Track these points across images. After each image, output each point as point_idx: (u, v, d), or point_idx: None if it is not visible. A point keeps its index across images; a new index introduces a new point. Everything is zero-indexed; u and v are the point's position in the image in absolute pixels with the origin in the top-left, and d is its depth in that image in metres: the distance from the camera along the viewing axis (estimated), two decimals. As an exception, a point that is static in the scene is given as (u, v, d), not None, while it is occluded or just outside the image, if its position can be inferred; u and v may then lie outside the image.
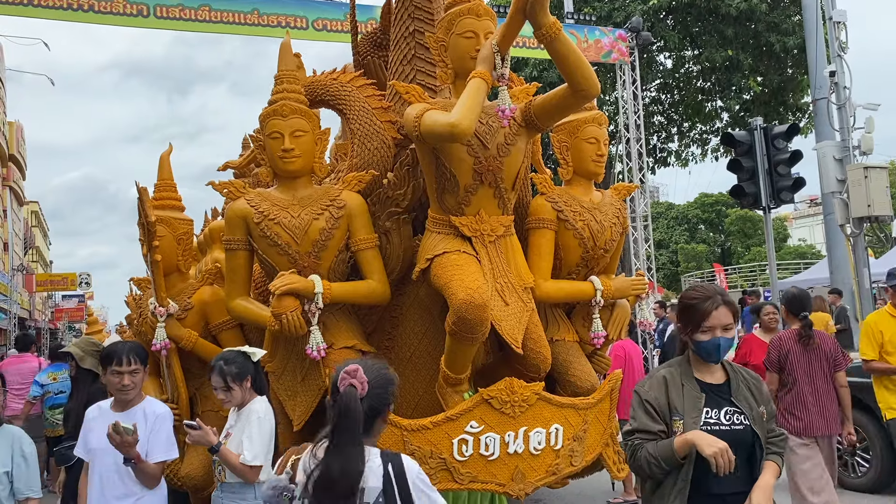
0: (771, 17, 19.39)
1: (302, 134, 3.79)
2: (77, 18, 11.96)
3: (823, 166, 9.88)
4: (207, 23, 12.62)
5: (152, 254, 4.14)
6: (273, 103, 3.84)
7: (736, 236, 41.62)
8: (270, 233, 3.70)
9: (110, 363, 3.16)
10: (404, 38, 4.19)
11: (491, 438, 3.41)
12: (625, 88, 17.04)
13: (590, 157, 4.20)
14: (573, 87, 3.45)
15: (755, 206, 10.63)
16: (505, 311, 3.58)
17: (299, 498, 2.15)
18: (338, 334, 3.76)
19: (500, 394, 3.47)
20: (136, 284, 4.99)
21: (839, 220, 9.73)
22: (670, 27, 20.30)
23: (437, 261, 3.59)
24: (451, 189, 3.69)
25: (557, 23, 3.33)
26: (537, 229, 4.07)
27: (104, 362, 3.22)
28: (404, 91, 3.76)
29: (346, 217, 3.77)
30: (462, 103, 3.32)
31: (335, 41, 13.53)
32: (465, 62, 3.67)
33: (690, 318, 2.54)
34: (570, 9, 17.10)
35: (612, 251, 4.27)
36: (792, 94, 21.14)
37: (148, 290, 4.60)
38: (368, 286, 3.80)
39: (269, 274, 3.85)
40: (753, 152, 10.35)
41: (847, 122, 9.92)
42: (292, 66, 4.04)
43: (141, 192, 4.13)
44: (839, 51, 10.02)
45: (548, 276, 4.02)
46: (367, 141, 4.01)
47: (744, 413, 2.50)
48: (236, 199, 3.85)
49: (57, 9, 11.68)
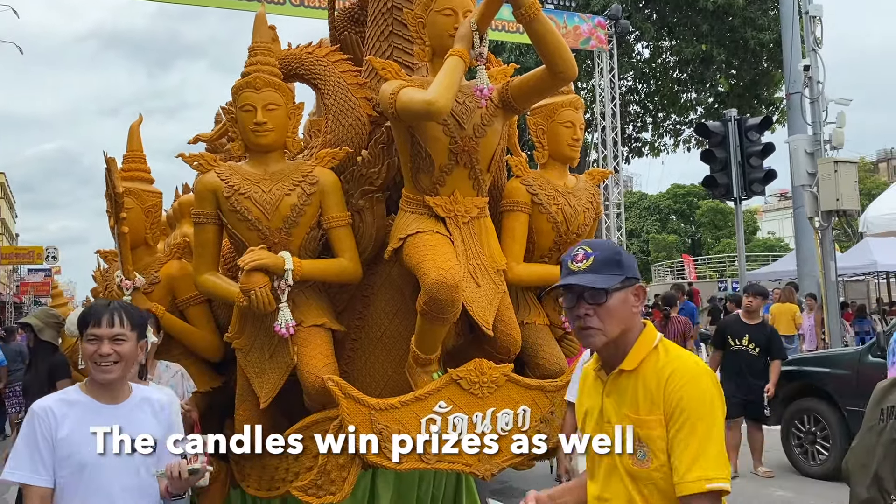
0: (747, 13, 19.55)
1: (275, 107, 3.72)
2: (46, -16, 11.65)
3: (795, 159, 10.02)
4: (182, -6, 12.39)
5: (119, 226, 4.04)
6: (246, 75, 3.77)
7: (706, 227, 42.13)
8: (241, 207, 3.64)
9: (86, 326, 2.29)
10: (382, 13, 4.13)
11: (459, 418, 3.41)
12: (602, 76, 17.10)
13: (566, 141, 4.19)
14: (551, 69, 3.43)
15: (727, 196, 10.78)
16: (477, 293, 3.57)
17: None
18: (307, 312, 3.72)
19: (469, 374, 3.47)
20: (103, 257, 4.88)
21: (808, 213, 9.90)
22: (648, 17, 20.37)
23: (409, 240, 3.56)
24: (425, 168, 3.66)
25: (537, 3, 3.31)
26: (511, 212, 4.05)
27: (80, 326, 2.37)
28: (380, 67, 3.71)
29: (318, 194, 3.72)
30: (439, 81, 3.29)
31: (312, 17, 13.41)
32: (444, 40, 3.62)
33: None
34: (549, -7, 17.06)
35: (585, 235, 4.28)
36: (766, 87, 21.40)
37: (114, 263, 4.50)
38: (339, 264, 3.77)
39: (238, 249, 3.80)
40: (727, 143, 10.47)
41: (819, 117, 10.07)
42: (267, 39, 3.97)
43: (109, 162, 4.03)
44: (814, 45, 10.15)
45: (520, 259, 4.02)
46: (342, 117, 3.95)
47: None
48: (206, 173, 3.78)
49: (26, -26, 11.36)
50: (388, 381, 3.90)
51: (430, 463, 3.42)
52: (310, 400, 3.62)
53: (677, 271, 32.22)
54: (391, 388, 3.80)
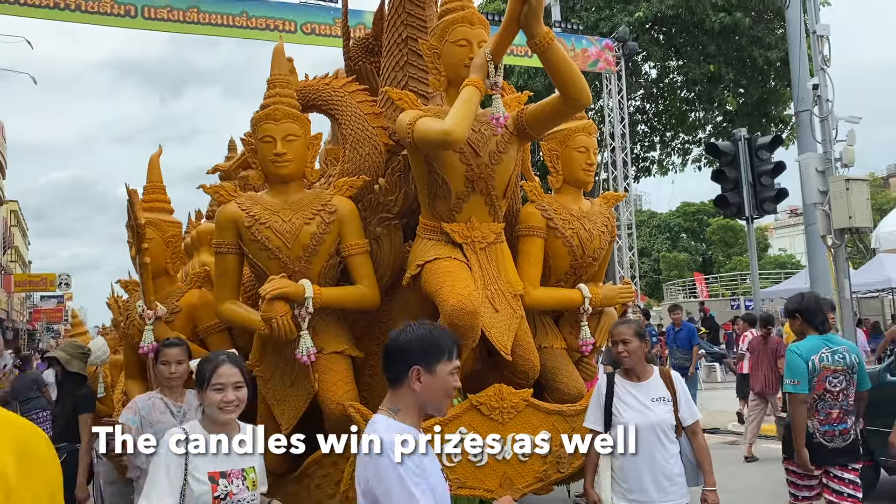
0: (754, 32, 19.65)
1: (294, 138, 3.79)
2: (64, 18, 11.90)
3: (806, 178, 10.00)
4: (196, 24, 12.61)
5: (141, 256, 4.11)
6: (265, 107, 3.84)
7: (717, 245, 41.94)
8: (261, 237, 3.69)
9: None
10: (397, 44, 4.21)
11: (479, 444, 3.41)
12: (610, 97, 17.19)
13: (580, 166, 4.22)
14: (565, 97, 3.48)
15: (739, 215, 10.78)
16: (495, 318, 3.59)
17: None
18: (327, 339, 3.75)
19: (489, 400, 3.49)
20: (123, 287, 4.96)
21: (821, 231, 9.85)
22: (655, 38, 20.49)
23: (427, 267, 3.60)
24: (442, 196, 3.70)
25: (550, 32, 3.35)
26: (527, 237, 4.09)
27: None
28: (397, 97, 3.77)
29: (337, 222, 3.77)
30: (455, 111, 3.34)
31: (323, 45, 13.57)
32: (459, 70, 3.69)
33: None
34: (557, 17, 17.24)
35: (601, 259, 4.30)
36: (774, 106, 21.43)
37: (135, 293, 4.56)
38: (358, 291, 3.80)
39: (259, 278, 3.84)
40: (737, 163, 10.49)
41: (829, 135, 10.06)
42: (285, 71, 4.04)
43: (131, 194, 4.11)
44: (822, 64, 10.17)
45: (537, 284, 4.04)
46: (359, 146, 4.02)
47: None
48: (227, 203, 3.84)
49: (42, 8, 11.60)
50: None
51: (453, 489, 3.43)
52: (331, 426, 3.63)
53: (689, 290, 32.08)
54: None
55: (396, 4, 4.15)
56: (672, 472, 3.45)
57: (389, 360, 2.21)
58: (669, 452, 3.40)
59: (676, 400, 3.61)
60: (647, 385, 3.59)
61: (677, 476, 3.50)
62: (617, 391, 3.58)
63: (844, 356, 4.29)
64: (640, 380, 3.59)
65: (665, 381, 3.64)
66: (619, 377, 3.64)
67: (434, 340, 2.20)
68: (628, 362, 3.59)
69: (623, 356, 3.58)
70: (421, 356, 2.15)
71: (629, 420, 3.48)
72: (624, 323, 3.84)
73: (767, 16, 19.77)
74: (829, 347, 4.31)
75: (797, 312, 4.59)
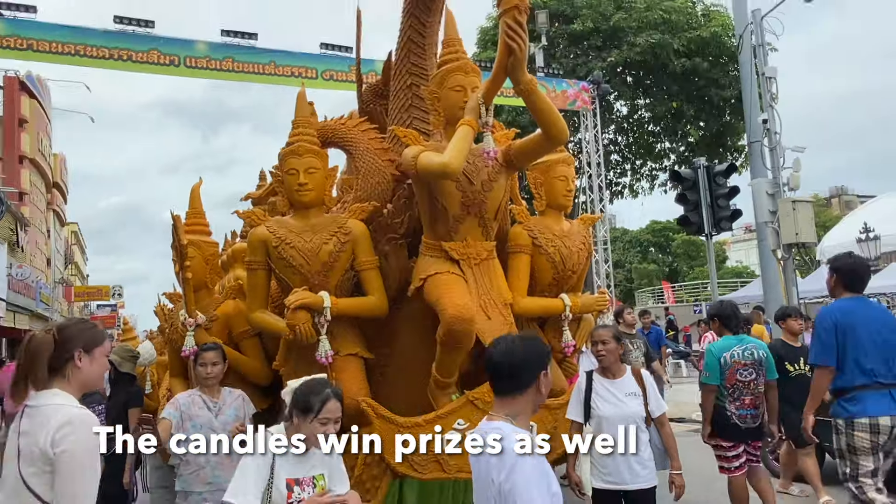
0: (711, 74, 19.75)
1: (314, 171, 3.81)
2: (118, 67, 12.00)
3: (757, 200, 10.01)
4: (231, 72, 12.69)
5: (184, 272, 4.12)
6: (290, 144, 3.87)
7: (682, 258, 41.94)
8: (286, 255, 3.71)
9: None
10: (402, 90, 4.23)
11: (475, 434, 3.41)
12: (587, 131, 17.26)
13: (560, 193, 4.24)
14: (546, 134, 3.50)
15: (699, 233, 10.77)
16: (488, 325, 3.59)
17: None
18: (343, 343, 3.75)
19: (483, 395, 3.48)
20: (168, 298, 4.97)
21: (771, 246, 9.86)
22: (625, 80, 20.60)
23: (429, 280, 3.60)
24: (441, 219, 3.71)
25: (533, 80, 3.39)
26: (515, 253, 4.09)
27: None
28: (403, 135, 3.80)
29: (351, 242, 3.78)
30: (452, 146, 3.36)
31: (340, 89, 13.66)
32: (455, 111, 3.71)
33: None
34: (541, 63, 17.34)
35: (579, 273, 4.30)
36: (730, 137, 21.51)
37: (178, 304, 4.58)
38: (369, 301, 3.81)
39: (284, 290, 3.85)
40: (697, 187, 10.50)
41: (777, 163, 10.09)
42: (307, 113, 4.08)
43: (175, 219, 4.13)
44: (771, 102, 10.22)
45: (524, 294, 4.04)
46: (370, 177, 4.04)
47: None
48: (258, 226, 3.86)
49: (100, 59, 11.71)
50: (413, 402, 3.91)
51: (451, 473, 3.43)
52: (346, 419, 3.61)
53: (658, 296, 32.00)
54: (416, 407, 3.82)
55: (402, 56, 4.18)
56: (643, 458, 3.45)
57: (515, 370, 2.04)
58: (640, 440, 3.39)
59: (646, 395, 3.61)
60: (621, 382, 3.60)
61: (647, 461, 3.50)
62: (595, 387, 3.58)
63: (753, 352, 4.55)
64: (615, 377, 3.60)
65: (636, 379, 3.65)
66: (597, 375, 3.64)
67: (544, 349, 2.13)
68: (606, 361, 3.60)
69: (602, 355, 3.59)
70: (542, 363, 2.07)
71: (605, 412, 3.49)
72: (603, 327, 3.87)
73: (723, 60, 19.88)
74: (740, 345, 4.56)
75: (716, 317, 4.83)
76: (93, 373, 2.17)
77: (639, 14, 19.39)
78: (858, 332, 3.74)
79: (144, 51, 12.09)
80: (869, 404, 3.68)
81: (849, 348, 3.75)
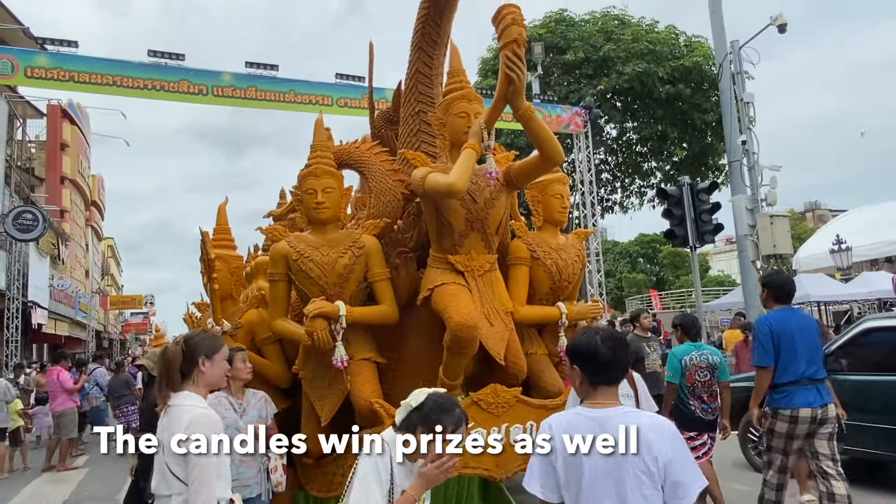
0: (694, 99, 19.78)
1: (331, 190, 3.83)
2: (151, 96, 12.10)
3: (738, 215, 10.01)
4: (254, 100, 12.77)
5: (211, 284, 4.14)
6: (309, 166, 3.88)
7: (668, 268, 41.79)
8: (305, 268, 3.71)
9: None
10: (411, 116, 4.25)
11: (479, 433, 3.39)
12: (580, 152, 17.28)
13: (556, 210, 4.24)
14: (543, 156, 3.51)
15: (684, 245, 10.75)
16: (490, 331, 3.58)
17: None
18: (357, 348, 3.75)
19: (486, 397, 3.47)
20: (196, 307, 4.98)
21: (751, 257, 9.84)
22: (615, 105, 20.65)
23: (436, 290, 3.60)
24: (447, 234, 3.71)
25: (531, 107, 3.40)
26: (515, 265, 4.08)
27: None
28: (412, 157, 3.81)
29: (364, 255, 3.79)
30: (457, 168, 3.37)
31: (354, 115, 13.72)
32: (459, 136, 3.72)
33: None
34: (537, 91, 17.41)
35: (574, 283, 4.29)
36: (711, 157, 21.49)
37: (206, 312, 4.59)
38: (381, 310, 3.80)
39: (303, 300, 3.85)
40: (682, 203, 10.49)
41: (756, 180, 10.09)
42: (324, 138, 4.09)
43: (204, 235, 4.15)
44: (749, 124, 10.24)
45: (524, 303, 4.02)
46: (382, 195, 4.05)
47: None
48: (279, 241, 3.87)
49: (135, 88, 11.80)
50: (422, 402, 3.89)
51: (458, 468, 3.40)
52: (360, 419, 3.61)
53: (646, 304, 31.86)
54: (424, 408, 3.80)
55: (410, 85, 4.20)
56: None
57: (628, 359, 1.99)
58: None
59: (638, 396, 3.59)
60: (614, 385, 3.58)
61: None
62: None
63: (708, 357, 4.87)
64: None
65: (628, 381, 3.63)
66: (591, 377, 3.62)
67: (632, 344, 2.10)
68: None
69: None
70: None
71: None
72: None
73: (704, 87, 19.92)
74: (698, 351, 4.91)
75: (679, 326, 5.17)
76: (214, 374, 2.48)
77: (626, 45, 19.49)
78: (789, 337, 4.09)
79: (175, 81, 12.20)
80: (795, 398, 4.05)
81: (782, 351, 4.10)
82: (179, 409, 2.34)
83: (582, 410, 1.94)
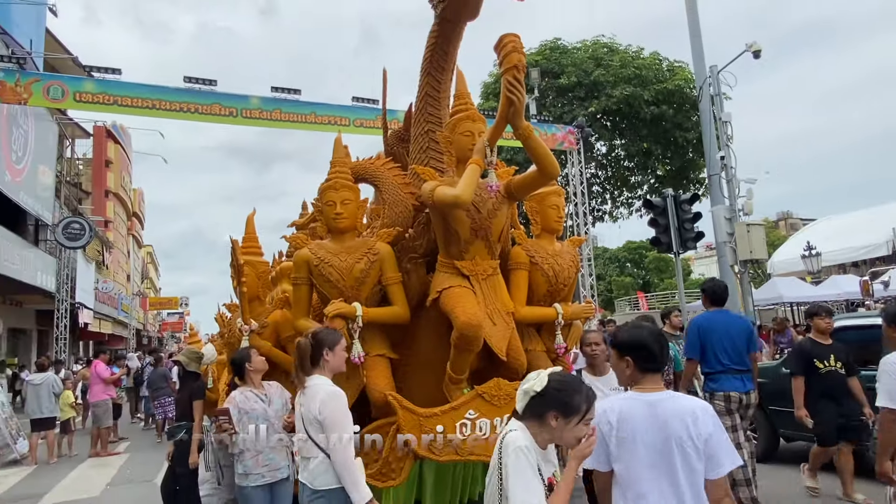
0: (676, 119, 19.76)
1: (349, 202, 3.83)
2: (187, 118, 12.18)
3: (717, 223, 9.94)
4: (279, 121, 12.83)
5: (240, 287, 4.14)
6: (329, 181, 3.89)
7: (653, 272, 41.62)
8: (325, 272, 3.71)
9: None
10: (421, 135, 4.24)
11: (484, 422, 3.38)
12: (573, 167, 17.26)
13: (553, 219, 4.23)
14: (541, 171, 3.49)
15: (668, 251, 10.68)
16: (494, 330, 3.56)
17: None
18: (372, 345, 3.73)
19: (489, 390, 3.44)
20: (227, 308, 4.98)
21: (729, 262, 9.77)
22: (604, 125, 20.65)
23: (444, 293, 3.59)
24: (454, 241, 3.70)
25: (530, 126, 3.39)
26: (516, 270, 4.06)
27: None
28: (421, 172, 3.80)
29: (378, 261, 3.78)
30: (463, 182, 3.36)
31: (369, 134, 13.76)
32: (465, 152, 3.71)
33: None
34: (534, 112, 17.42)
35: (569, 286, 4.26)
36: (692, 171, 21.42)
37: (235, 313, 4.58)
38: (394, 311, 3.79)
39: (323, 301, 3.85)
40: (666, 213, 10.44)
41: (733, 192, 10.03)
42: (342, 155, 4.10)
43: (234, 243, 4.15)
44: (727, 141, 10.18)
45: (523, 304, 4.00)
46: (394, 206, 4.04)
47: None
48: (302, 249, 3.87)
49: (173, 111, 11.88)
50: (431, 395, 3.87)
51: (464, 455, 3.38)
52: (375, 410, 3.60)
53: (633, 304, 31.70)
54: (433, 400, 3.78)
55: (420, 107, 4.20)
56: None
57: (661, 353, 2.02)
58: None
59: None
60: (606, 378, 3.56)
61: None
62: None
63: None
64: (601, 374, 3.56)
65: None
66: (585, 372, 3.60)
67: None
68: (598, 359, 3.58)
69: (595, 354, 3.59)
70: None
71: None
72: (594, 331, 3.86)
73: (685, 107, 19.88)
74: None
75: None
76: (336, 362, 2.88)
77: (615, 70, 19.50)
78: (715, 334, 4.61)
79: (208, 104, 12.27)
80: (724, 383, 4.60)
81: (709, 345, 4.63)
82: (314, 388, 2.73)
83: (633, 395, 2.00)
